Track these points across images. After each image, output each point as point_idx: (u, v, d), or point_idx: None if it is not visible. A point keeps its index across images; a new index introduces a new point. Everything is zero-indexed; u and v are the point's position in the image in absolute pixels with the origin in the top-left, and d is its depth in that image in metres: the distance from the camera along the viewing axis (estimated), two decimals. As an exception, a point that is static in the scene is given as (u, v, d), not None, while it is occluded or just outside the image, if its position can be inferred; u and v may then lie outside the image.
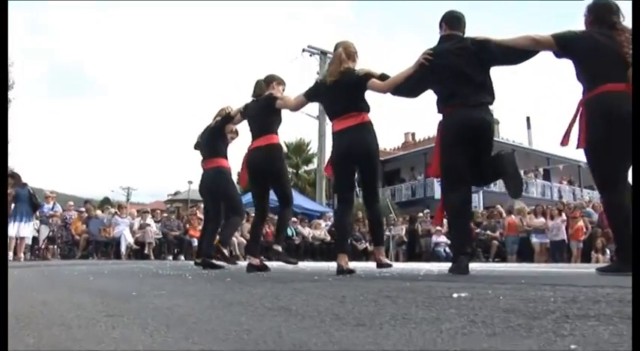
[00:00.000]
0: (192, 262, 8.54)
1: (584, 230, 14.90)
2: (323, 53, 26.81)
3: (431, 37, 4.72)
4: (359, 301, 2.23)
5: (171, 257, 15.57)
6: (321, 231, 17.47)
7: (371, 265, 5.72)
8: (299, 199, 21.21)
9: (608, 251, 14.12)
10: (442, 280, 3.66)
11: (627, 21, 4.19)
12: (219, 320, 1.84)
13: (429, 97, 4.72)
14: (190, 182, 48.86)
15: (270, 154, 5.79)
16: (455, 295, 2.27)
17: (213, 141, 7.05)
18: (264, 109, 5.86)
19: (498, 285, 2.91)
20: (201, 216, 17.77)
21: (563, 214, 15.09)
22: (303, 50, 27.07)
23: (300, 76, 26.84)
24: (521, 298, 2.13)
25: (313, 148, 34.43)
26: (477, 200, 26.25)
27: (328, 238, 17.41)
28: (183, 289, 3.54)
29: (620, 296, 2.08)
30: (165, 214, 17.95)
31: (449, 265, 4.52)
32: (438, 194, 23.38)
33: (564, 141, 4.42)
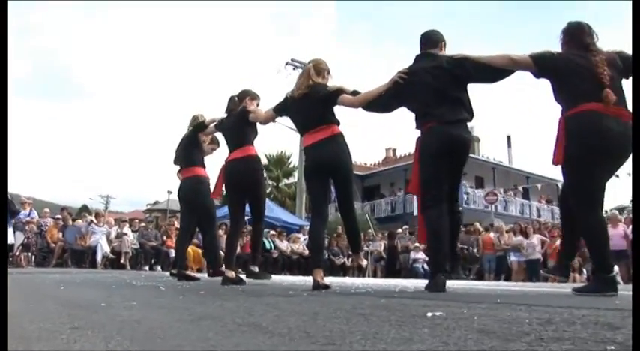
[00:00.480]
0: (168, 273, 8.45)
1: (562, 250, 14.97)
2: (306, 66, 26.87)
3: (416, 49, 4.70)
4: (331, 318, 2.18)
5: (147, 268, 15.35)
6: (299, 245, 17.36)
7: (348, 280, 5.66)
8: (278, 212, 21.13)
9: (585, 271, 14.21)
10: (418, 297, 3.62)
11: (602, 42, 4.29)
12: (187, 335, 1.79)
13: (410, 113, 4.72)
14: (170, 192, 48.58)
15: (248, 165, 5.78)
16: (429, 314, 2.23)
17: (188, 150, 6.94)
18: (238, 122, 5.86)
19: (474, 304, 2.87)
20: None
21: (538, 233, 15.19)
22: (287, 63, 27.07)
23: (284, 88, 26.82)
24: (496, 319, 2.09)
25: (294, 161, 34.44)
26: (456, 217, 26.34)
27: (306, 252, 17.33)
28: (155, 300, 3.47)
29: (596, 318, 2.06)
30: (142, 224, 17.72)
31: (426, 281, 4.50)
32: (415, 210, 23.53)
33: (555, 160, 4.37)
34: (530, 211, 32.06)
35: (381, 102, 4.74)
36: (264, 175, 6.28)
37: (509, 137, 38.98)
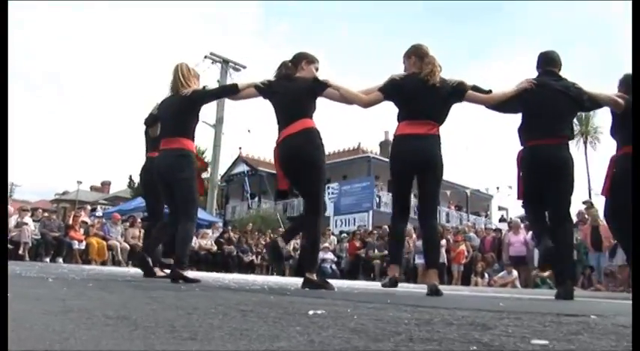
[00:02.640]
0: (73, 265, 8.07)
1: (466, 254, 15.39)
2: (225, 62, 26.55)
3: (335, 51, 4.75)
4: (207, 314, 2.10)
5: (48, 259, 14.73)
6: (207, 241, 17.15)
7: (252, 277, 5.56)
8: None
9: (487, 275, 14.65)
10: (309, 295, 3.59)
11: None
12: (45, 327, 1.67)
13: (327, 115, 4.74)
14: (80, 182, 47.17)
15: (308, 140, 4.92)
16: (311, 312, 2.18)
17: (183, 117, 5.51)
18: (302, 92, 4.98)
19: (363, 303, 2.86)
20: (87, 219, 17.20)
21: (443, 238, 15.50)
22: (205, 57, 26.71)
23: (207, 82, 26.50)
24: (376, 319, 2.06)
25: (208, 156, 34.01)
26: (367, 219, 26.68)
27: (215, 248, 17.15)
28: (33, 292, 3.28)
29: (473, 320, 2.07)
30: (45, 214, 17.00)
31: (333, 281, 4.61)
32: (329, 211, 23.65)
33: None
34: (440, 216, 32.80)
35: (507, 104, 4.99)
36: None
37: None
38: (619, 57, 67.55)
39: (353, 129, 78.10)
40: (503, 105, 4.95)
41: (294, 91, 4.89)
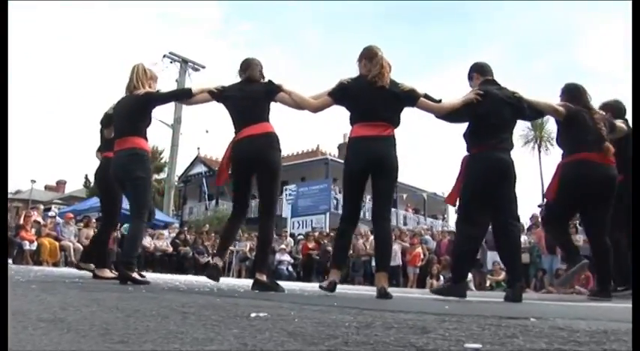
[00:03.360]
0: (22, 267, 7.88)
1: (422, 256, 15.50)
2: (184, 61, 26.33)
3: (297, 51, 4.76)
4: (147, 316, 2.07)
5: (-4, 260, 14.36)
6: (163, 242, 16.96)
7: (204, 279, 5.47)
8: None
9: (442, 278, 14.78)
10: (256, 298, 3.57)
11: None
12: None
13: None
14: (34, 181, 46.18)
15: (267, 142, 4.96)
16: (253, 315, 2.17)
17: (135, 117, 5.46)
18: (260, 95, 5.02)
19: (308, 306, 2.86)
20: (39, 219, 16.84)
21: (399, 240, 15.61)
22: (164, 56, 26.44)
23: (166, 82, 26.36)
24: (317, 321, 2.06)
25: (165, 156, 33.70)
26: (324, 221, 26.70)
27: (170, 249, 16.98)
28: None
29: (414, 323, 2.07)
30: (-5, 213, 16.56)
31: (290, 283, 4.59)
32: (286, 212, 23.62)
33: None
34: (397, 219, 33.00)
35: (456, 115, 5.02)
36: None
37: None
38: (580, 62, 68.85)
39: (312, 131, 78.20)
40: (452, 115, 5.02)
41: (250, 94, 4.94)
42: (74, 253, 15.46)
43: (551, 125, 40.87)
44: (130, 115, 5.42)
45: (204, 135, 55.08)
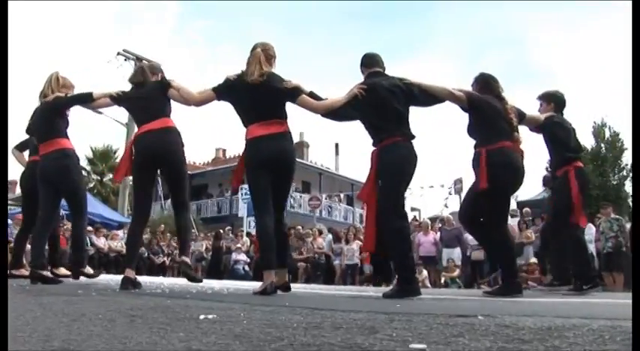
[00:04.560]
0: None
1: (377, 255, 15.56)
2: (138, 59, 25.98)
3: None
4: (93, 321, 2.04)
5: None
6: (117, 242, 16.70)
7: (158, 280, 5.45)
8: (99, 208, 20.22)
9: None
10: (208, 299, 3.55)
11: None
12: None
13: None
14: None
15: (168, 137, 5.04)
16: (201, 317, 2.15)
17: (50, 119, 5.63)
18: (156, 93, 5.10)
19: (259, 307, 2.84)
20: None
21: (357, 239, 15.64)
22: (118, 53, 26.05)
23: (118, 80, 25.96)
24: (266, 323, 2.05)
25: (120, 155, 33.15)
26: (281, 220, 26.58)
27: (124, 249, 16.73)
28: None
29: (364, 323, 2.07)
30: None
31: (244, 282, 4.56)
32: (242, 212, 23.44)
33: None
34: (354, 217, 33.12)
35: (342, 112, 4.87)
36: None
37: (337, 145, 40.03)
38: (535, 60, 69.99)
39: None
40: (336, 113, 4.92)
41: (145, 93, 5.06)
42: (25, 256, 15.11)
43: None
44: (45, 120, 5.62)
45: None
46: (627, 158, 28.04)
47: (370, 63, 5.04)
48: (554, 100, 6.38)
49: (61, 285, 5.24)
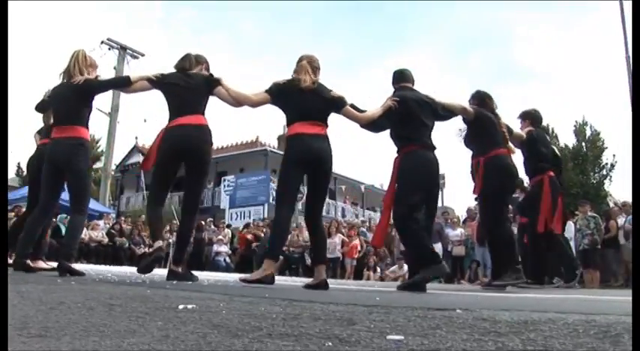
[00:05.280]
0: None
1: (359, 248, 15.63)
2: (122, 48, 25.78)
3: (242, 43, 4.80)
4: (72, 309, 2.04)
5: None
6: (98, 232, 16.62)
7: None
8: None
9: (379, 269, 14.95)
10: (188, 289, 3.55)
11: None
12: None
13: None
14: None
15: (202, 134, 5.05)
16: (181, 307, 2.15)
17: (78, 105, 5.33)
18: (200, 87, 5.08)
19: (239, 297, 2.84)
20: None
21: (339, 233, 15.70)
22: (102, 42, 25.81)
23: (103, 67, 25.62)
24: (246, 313, 2.05)
25: (102, 145, 32.93)
26: (262, 212, 26.62)
27: (106, 239, 16.66)
28: None
29: (342, 314, 2.07)
30: None
31: (226, 275, 4.60)
32: (224, 203, 23.44)
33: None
34: (336, 211, 33.15)
35: (379, 123, 5.33)
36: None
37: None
38: (516, 60, 70.26)
39: (251, 122, 77.72)
40: (374, 124, 5.32)
41: (191, 85, 5.01)
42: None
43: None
44: (71, 103, 5.30)
45: (143, 124, 53.81)
46: (607, 157, 28.40)
47: (400, 78, 5.53)
48: (530, 118, 7.52)
49: (41, 274, 5.20)
